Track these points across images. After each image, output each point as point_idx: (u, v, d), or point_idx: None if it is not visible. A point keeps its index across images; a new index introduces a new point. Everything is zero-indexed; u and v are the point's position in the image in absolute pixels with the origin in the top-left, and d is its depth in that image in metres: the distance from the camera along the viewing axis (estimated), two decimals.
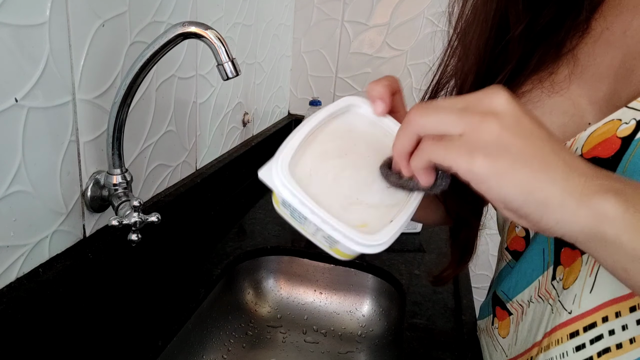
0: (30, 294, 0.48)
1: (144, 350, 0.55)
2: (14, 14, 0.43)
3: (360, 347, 0.76)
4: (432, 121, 0.29)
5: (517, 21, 0.42)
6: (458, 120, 0.28)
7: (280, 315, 0.81)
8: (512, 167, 0.27)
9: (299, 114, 1.40)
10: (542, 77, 0.43)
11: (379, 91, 0.36)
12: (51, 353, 0.52)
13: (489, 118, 0.27)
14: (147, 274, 0.69)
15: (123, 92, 0.52)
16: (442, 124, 0.29)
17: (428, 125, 0.30)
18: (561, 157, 0.27)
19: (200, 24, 0.49)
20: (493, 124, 0.27)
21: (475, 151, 0.27)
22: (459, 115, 0.28)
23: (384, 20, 1.25)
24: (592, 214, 0.26)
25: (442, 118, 0.29)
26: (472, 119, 0.28)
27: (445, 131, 0.29)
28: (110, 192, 0.57)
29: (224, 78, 0.50)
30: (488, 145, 0.27)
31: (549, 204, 0.27)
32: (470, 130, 0.28)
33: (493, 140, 0.27)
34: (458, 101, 0.29)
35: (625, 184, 0.27)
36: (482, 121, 0.27)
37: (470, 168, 0.27)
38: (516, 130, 0.27)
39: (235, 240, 0.83)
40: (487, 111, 0.28)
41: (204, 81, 0.83)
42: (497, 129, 0.27)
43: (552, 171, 0.27)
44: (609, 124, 0.36)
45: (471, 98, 0.29)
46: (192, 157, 0.84)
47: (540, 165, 0.27)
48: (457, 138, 0.28)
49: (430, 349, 0.62)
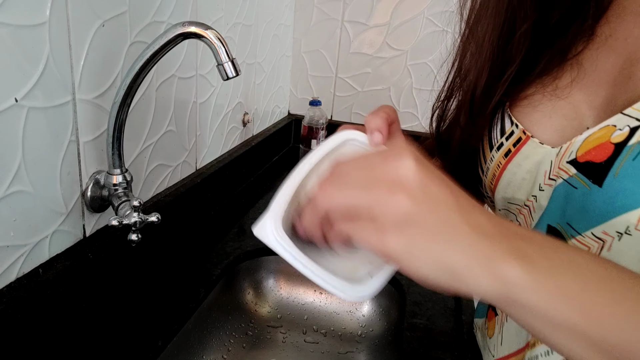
0: (30, 294, 0.48)
1: (144, 350, 0.55)
2: (14, 14, 0.43)
3: (360, 347, 0.76)
4: (339, 203, 0.30)
5: (524, 18, 0.42)
6: (364, 198, 0.29)
7: (280, 315, 0.81)
8: (419, 241, 0.27)
9: (299, 114, 1.40)
10: (545, 81, 0.43)
11: (377, 123, 0.37)
12: (51, 353, 0.52)
13: (395, 192, 0.28)
14: (147, 274, 0.69)
15: (123, 92, 0.52)
16: (349, 205, 0.29)
17: (335, 206, 0.30)
18: (468, 223, 0.28)
19: (200, 24, 0.49)
20: (399, 198, 0.27)
21: (385, 230, 0.28)
22: (364, 192, 0.29)
23: (384, 20, 1.25)
24: (498, 280, 0.27)
25: (348, 198, 0.29)
26: (378, 195, 0.28)
27: (353, 211, 0.29)
28: (110, 192, 0.57)
29: (224, 78, 0.50)
30: (397, 222, 0.28)
31: (457, 272, 0.27)
32: (377, 207, 0.28)
33: (401, 215, 0.27)
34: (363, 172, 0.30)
35: (530, 241, 0.28)
36: (389, 196, 0.28)
37: (383, 248, 0.28)
38: (423, 201, 0.28)
39: (235, 240, 0.83)
40: (393, 183, 0.28)
41: (204, 81, 0.83)
42: (403, 204, 0.27)
43: (458, 239, 0.27)
44: (604, 130, 0.36)
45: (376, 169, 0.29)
46: (192, 157, 0.84)
47: (447, 236, 0.27)
48: (366, 217, 0.29)
49: (430, 349, 0.62)
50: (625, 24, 0.39)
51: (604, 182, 0.34)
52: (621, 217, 0.33)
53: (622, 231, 0.33)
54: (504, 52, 0.44)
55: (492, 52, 0.44)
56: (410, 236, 0.28)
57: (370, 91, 1.33)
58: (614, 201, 0.33)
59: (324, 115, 1.25)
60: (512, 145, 0.43)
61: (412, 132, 1.32)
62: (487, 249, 0.27)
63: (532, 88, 0.44)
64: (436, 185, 0.28)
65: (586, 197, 0.35)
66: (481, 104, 0.46)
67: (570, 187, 0.37)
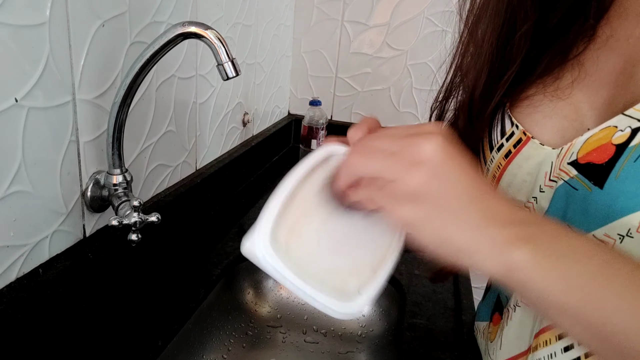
0: (30, 294, 0.48)
1: (144, 350, 0.55)
2: (14, 14, 0.43)
3: (360, 347, 0.76)
4: (366, 168, 0.33)
5: (525, 18, 0.42)
6: (388, 168, 0.31)
7: (280, 315, 0.81)
8: (430, 216, 0.30)
9: (299, 114, 1.40)
10: (546, 82, 0.42)
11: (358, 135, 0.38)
12: (51, 353, 0.52)
13: (416, 167, 0.30)
14: (147, 274, 0.69)
15: (123, 92, 0.52)
16: (374, 171, 0.32)
17: (363, 171, 0.33)
18: (478, 206, 0.29)
19: (200, 24, 0.49)
20: (417, 174, 0.29)
21: (400, 200, 0.30)
22: (389, 163, 0.31)
23: (384, 20, 1.25)
24: (503, 262, 0.28)
25: (374, 165, 0.32)
26: (400, 168, 0.30)
27: (378, 177, 0.32)
28: (110, 192, 0.57)
29: (224, 78, 0.50)
30: (411, 194, 0.30)
31: (462, 251, 0.29)
32: (398, 178, 0.30)
33: (416, 190, 0.29)
34: (391, 144, 0.32)
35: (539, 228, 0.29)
36: (410, 169, 0.30)
37: (396, 215, 0.31)
38: (439, 180, 0.29)
39: (235, 240, 0.83)
40: (415, 159, 0.30)
41: (204, 81, 0.83)
42: (420, 180, 0.29)
43: (466, 221, 0.29)
44: (605, 131, 0.36)
45: (404, 142, 0.31)
46: (192, 157, 0.84)
47: (455, 216, 0.29)
48: (387, 185, 0.31)
49: (430, 349, 0.62)
50: (627, 24, 0.39)
51: (605, 184, 0.34)
52: (622, 219, 0.32)
53: (624, 234, 0.33)
54: (503, 52, 0.43)
55: (492, 53, 0.43)
56: (424, 210, 0.30)
57: (370, 91, 1.33)
58: (615, 203, 0.33)
59: (324, 115, 1.25)
60: (513, 146, 0.43)
61: None
62: (496, 232, 0.29)
63: (532, 89, 0.43)
64: (457, 168, 0.30)
65: (587, 199, 0.35)
66: (480, 105, 0.45)
67: (571, 189, 0.37)
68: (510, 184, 0.44)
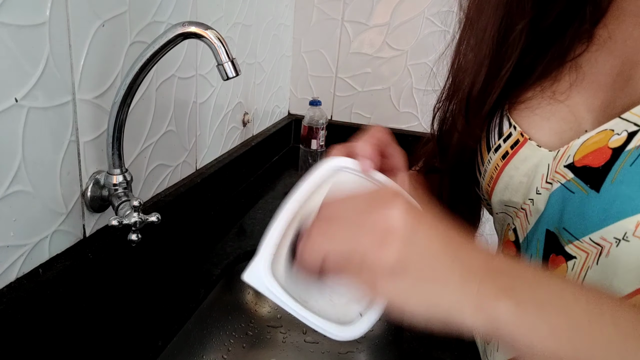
0: (30, 294, 0.48)
1: (144, 350, 0.55)
2: (14, 14, 0.43)
3: (360, 347, 0.76)
4: (331, 252, 0.31)
5: (522, 14, 0.42)
6: (355, 246, 0.30)
7: (280, 315, 0.81)
8: (412, 286, 0.29)
9: (299, 114, 1.40)
10: (544, 84, 0.42)
11: (366, 150, 0.38)
12: (51, 353, 0.52)
13: (386, 242, 0.29)
14: (147, 274, 0.69)
15: (123, 92, 0.52)
16: (341, 253, 0.31)
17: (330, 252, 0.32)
18: (456, 264, 0.29)
19: (200, 24, 0.49)
20: (390, 248, 0.29)
21: (377, 277, 0.30)
22: (355, 240, 0.30)
23: (384, 20, 1.25)
24: (488, 318, 0.28)
25: (339, 247, 0.31)
26: (369, 244, 0.30)
27: (345, 258, 0.31)
28: (110, 192, 0.57)
29: (224, 78, 0.50)
30: (388, 270, 0.29)
31: (449, 312, 0.29)
32: (368, 256, 0.30)
33: (392, 264, 0.29)
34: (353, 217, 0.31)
35: (517, 277, 0.29)
36: (379, 246, 0.29)
37: (376, 293, 0.30)
38: (412, 250, 0.29)
39: (235, 240, 0.83)
40: (383, 232, 0.29)
41: (204, 81, 0.83)
42: (394, 254, 0.29)
43: (448, 283, 0.29)
44: (602, 134, 0.36)
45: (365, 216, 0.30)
46: (192, 157, 0.84)
47: (438, 280, 0.29)
48: (359, 263, 0.30)
49: (430, 349, 0.62)
50: (624, 25, 0.38)
51: (602, 188, 0.34)
52: (619, 223, 0.32)
53: (620, 237, 0.32)
54: (501, 49, 0.43)
55: (492, 48, 0.43)
56: (402, 282, 0.29)
57: (370, 91, 1.33)
58: (611, 207, 0.33)
59: (324, 115, 1.25)
60: (510, 147, 0.43)
61: (412, 132, 1.32)
62: (476, 289, 0.29)
63: (530, 91, 0.43)
64: (425, 232, 0.30)
65: (584, 202, 0.35)
66: (478, 103, 0.45)
67: (568, 192, 0.37)
68: (507, 185, 0.43)
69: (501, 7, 0.42)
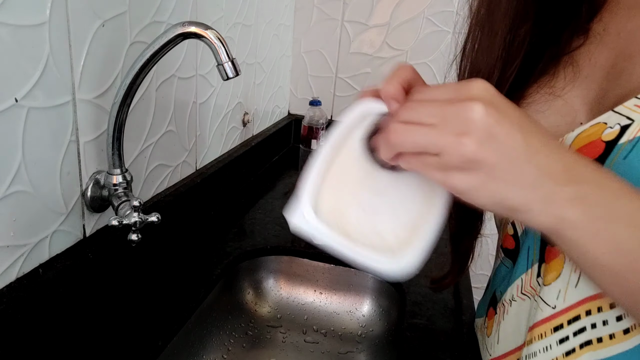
0: (30, 294, 0.48)
1: (144, 350, 0.55)
2: (14, 14, 0.43)
3: (360, 347, 0.76)
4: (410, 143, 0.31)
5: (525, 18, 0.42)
6: (434, 142, 0.30)
7: (280, 315, 0.81)
8: (484, 183, 0.29)
9: (299, 114, 1.40)
10: (542, 81, 0.43)
11: (390, 91, 0.37)
12: (51, 353, 0.52)
13: (462, 136, 0.29)
14: (147, 274, 0.69)
15: (123, 92, 0.52)
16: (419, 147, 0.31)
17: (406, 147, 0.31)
18: (533, 164, 0.29)
19: (200, 24, 0.49)
20: (466, 143, 0.28)
21: (451, 169, 0.30)
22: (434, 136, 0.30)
23: (384, 20, 1.25)
24: (554, 220, 0.29)
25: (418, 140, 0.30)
26: (447, 140, 0.29)
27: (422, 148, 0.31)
28: (110, 192, 0.57)
29: (224, 78, 0.50)
30: (462, 164, 0.29)
31: (517, 209, 0.30)
32: (444, 148, 0.29)
33: (466, 158, 0.29)
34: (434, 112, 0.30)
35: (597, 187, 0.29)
36: (456, 140, 0.29)
37: (449, 185, 0.30)
38: (489, 147, 0.29)
39: (235, 240, 0.83)
40: (461, 128, 0.29)
41: (204, 81, 0.83)
42: (470, 149, 0.29)
43: (520, 181, 0.29)
44: (595, 127, 0.36)
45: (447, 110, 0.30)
46: (192, 157, 0.84)
47: (510, 177, 0.29)
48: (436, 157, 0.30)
49: (430, 349, 0.62)
50: (618, 18, 0.39)
51: None
52: None
53: None
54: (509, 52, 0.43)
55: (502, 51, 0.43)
56: (474, 177, 0.29)
57: None
58: None
59: (324, 115, 1.25)
60: None
61: None
62: (551, 192, 0.29)
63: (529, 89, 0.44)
64: (505, 129, 0.29)
65: None
66: None
67: None
68: None
69: (511, 11, 0.42)
